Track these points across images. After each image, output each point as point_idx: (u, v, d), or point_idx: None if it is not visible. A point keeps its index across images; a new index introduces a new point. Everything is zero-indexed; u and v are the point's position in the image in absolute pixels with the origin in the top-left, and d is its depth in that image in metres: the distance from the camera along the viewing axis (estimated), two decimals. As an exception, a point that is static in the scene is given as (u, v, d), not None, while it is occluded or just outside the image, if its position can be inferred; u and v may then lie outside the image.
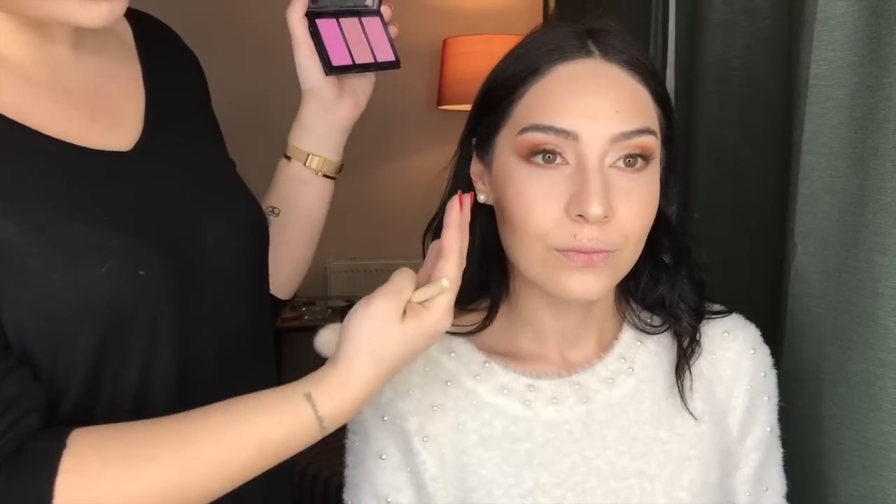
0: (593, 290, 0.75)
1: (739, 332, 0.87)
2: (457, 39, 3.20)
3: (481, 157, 0.83)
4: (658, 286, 0.86)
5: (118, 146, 0.81)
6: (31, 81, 0.78)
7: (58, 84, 0.81)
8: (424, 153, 3.45)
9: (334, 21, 0.99)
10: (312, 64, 0.97)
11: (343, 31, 1.00)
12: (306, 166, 1.02)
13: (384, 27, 1.05)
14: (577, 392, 0.83)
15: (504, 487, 0.80)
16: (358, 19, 1.02)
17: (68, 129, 0.78)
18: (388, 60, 1.04)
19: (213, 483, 0.69)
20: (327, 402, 0.70)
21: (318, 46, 0.97)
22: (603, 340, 0.86)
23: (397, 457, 0.82)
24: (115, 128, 0.83)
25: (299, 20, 0.96)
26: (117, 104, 0.85)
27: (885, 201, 0.79)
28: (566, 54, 0.77)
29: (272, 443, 0.70)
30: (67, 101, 0.80)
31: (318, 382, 0.71)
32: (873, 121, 0.81)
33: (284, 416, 0.70)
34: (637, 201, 0.75)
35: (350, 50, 0.99)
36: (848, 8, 0.85)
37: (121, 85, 0.87)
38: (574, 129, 0.74)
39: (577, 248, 0.73)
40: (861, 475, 0.84)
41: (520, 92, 0.78)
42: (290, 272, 1.04)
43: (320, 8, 0.99)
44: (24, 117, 0.75)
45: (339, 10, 1.00)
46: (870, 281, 0.81)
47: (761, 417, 0.86)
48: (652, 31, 1.58)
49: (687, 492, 0.81)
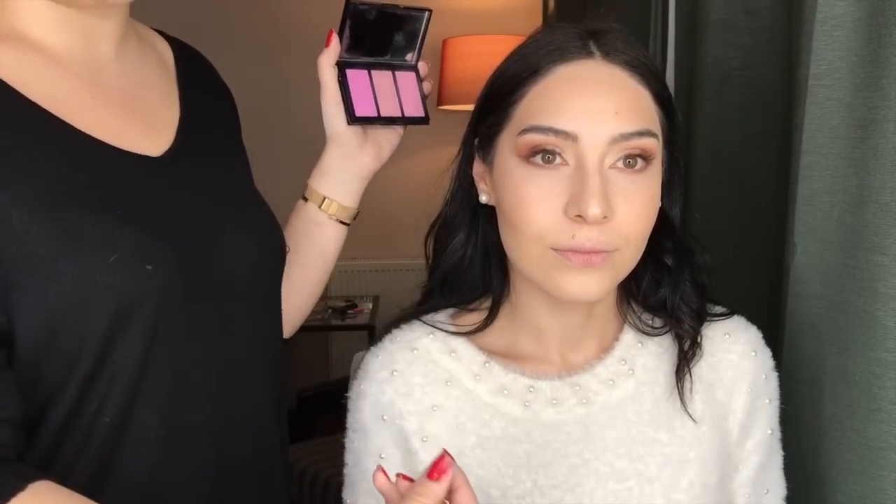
0: (592, 291, 0.75)
1: (741, 333, 0.87)
2: (457, 39, 3.20)
3: (483, 158, 0.82)
4: (660, 288, 0.86)
5: (148, 151, 0.82)
6: (70, 74, 0.79)
7: (96, 82, 0.82)
8: (424, 153, 3.44)
9: (365, 72, 0.99)
10: (337, 112, 0.98)
11: (373, 83, 1.00)
12: (321, 209, 1.02)
13: (418, 82, 1.05)
14: (577, 393, 0.83)
15: (502, 488, 0.80)
16: (392, 73, 1.02)
17: (101, 127, 0.79)
18: (417, 116, 1.04)
19: None
20: None
21: (344, 95, 0.97)
22: (603, 342, 0.86)
23: (397, 456, 0.82)
24: (147, 133, 0.84)
25: (329, 68, 0.97)
26: (153, 112, 0.86)
27: (885, 201, 0.79)
28: (567, 55, 0.77)
29: None
30: (104, 100, 0.81)
31: None
32: (873, 121, 0.81)
33: None
34: (637, 202, 0.75)
35: (377, 102, 0.99)
36: (848, 8, 0.85)
37: (158, 96, 0.88)
38: (573, 130, 0.74)
39: (576, 248, 0.73)
40: (861, 475, 0.84)
41: (520, 93, 0.78)
42: (292, 311, 1.04)
43: (353, 59, 0.99)
44: (59, 109, 0.76)
45: (372, 62, 1.00)
46: (869, 281, 0.81)
47: (762, 420, 0.86)
48: (652, 31, 1.58)
49: (686, 494, 0.81)
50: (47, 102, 0.76)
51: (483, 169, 0.83)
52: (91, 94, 0.80)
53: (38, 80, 0.76)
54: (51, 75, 0.78)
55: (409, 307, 0.90)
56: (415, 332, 0.86)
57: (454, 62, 3.18)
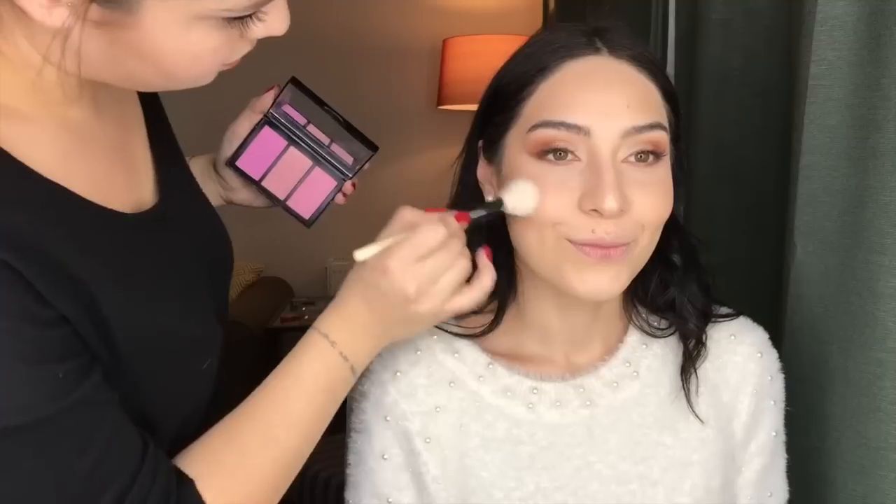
0: (605, 289, 0.75)
1: (746, 335, 0.87)
2: (457, 39, 3.19)
3: (490, 159, 0.82)
4: (668, 288, 0.86)
5: (140, 206, 0.76)
6: (59, 140, 0.71)
7: (86, 137, 0.74)
8: (424, 153, 3.45)
9: (284, 142, 0.97)
10: (231, 143, 0.98)
11: (282, 155, 0.97)
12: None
13: (331, 193, 1.00)
14: (581, 395, 0.83)
15: (505, 490, 0.80)
16: (313, 164, 0.98)
17: (95, 189, 0.71)
18: (298, 213, 1.00)
19: (299, 442, 0.76)
20: (337, 332, 0.75)
21: (245, 140, 0.96)
22: (609, 343, 0.86)
23: (400, 457, 0.82)
24: (137, 186, 0.78)
25: (249, 111, 0.98)
26: (134, 155, 0.80)
27: (885, 201, 0.79)
28: (574, 51, 0.77)
29: (313, 389, 0.75)
30: (95, 159, 0.74)
31: (322, 317, 0.76)
32: (873, 121, 0.81)
33: (308, 356, 0.75)
34: (652, 191, 0.75)
35: (269, 170, 0.96)
36: (848, 8, 0.85)
37: (129, 132, 0.81)
38: (585, 125, 0.74)
39: (596, 242, 0.73)
40: (860, 475, 0.84)
41: (529, 90, 0.77)
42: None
43: (284, 123, 0.96)
44: (58, 176, 0.68)
45: (302, 141, 0.97)
46: (869, 281, 0.81)
47: (766, 422, 0.86)
48: (652, 31, 1.58)
49: (688, 497, 0.81)
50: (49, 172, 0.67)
51: (490, 171, 0.82)
52: (85, 154, 0.73)
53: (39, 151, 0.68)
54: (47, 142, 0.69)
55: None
56: None
57: (454, 62, 3.18)
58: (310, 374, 0.75)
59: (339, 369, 0.75)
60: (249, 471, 0.73)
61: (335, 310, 0.76)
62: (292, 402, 0.75)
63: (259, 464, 0.73)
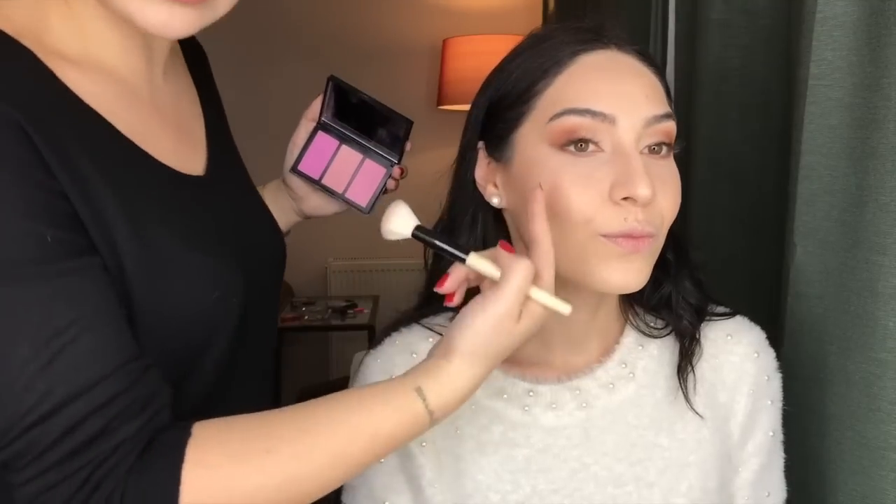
0: (633, 280, 0.74)
1: (743, 335, 0.87)
2: (457, 39, 3.19)
3: (495, 158, 0.81)
4: (662, 285, 0.86)
5: (196, 170, 0.83)
6: (138, 99, 0.78)
7: (157, 104, 0.81)
8: (424, 153, 3.44)
9: (336, 143, 1.06)
10: (293, 154, 1.06)
11: (336, 154, 1.06)
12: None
13: (382, 179, 1.08)
14: (577, 397, 0.82)
15: (501, 493, 0.80)
16: (363, 157, 1.07)
17: (168, 154, 0.78)
18: (356, 202, 1.08)
19: (327, 475, 0.69)
20: (436, 396, 0.69)
21: (303, 148, 1.05)
22: (605, 343, 0.86)
23: (395, 461, 0.82)
24: (194, 153, 0.85)
25: (305, 120, 1.06)
26: (192, 128, 0.87)
27: (885, 201, 0.79)
28: (587, 45, 0.78)
29: (383, 435, 0.69)
30: (164, 124, 0.81)
31: (428, 376, 0.70)
32: (873, 121, 0.81)
33: (396, 408, 0.69)
34: (671, 185, 0.76)
35: (326, 169, 1.05)
36: (848, 8, 0.85)
37: (190, 108, 0.89)
38: (611, 112, 0.74)
39: (629, 232, 0.72)
40: (860, 475, 0.84)
41: (544, 83, 0.77)
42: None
43: (334, 125, 1.05)
44: (139, 138, 0.75)
45: (351, 138, 1.06)
46: (869, 281, 0.81)
47: (763, 422, 0.86)
48: (652, 31, 1.58)
49: (685, 498, 0.81)
50: (130, 132, 0.75)
51: (493, 170, 0.81)
52: (156, 119, 0.80)
53: (120, 109, 0.75)
54: (127, 102, 0.77)
55: (409, 310, 0.90)
56: (414, 335, 0.86)
57: (454, 62, 3.18)
58: (385, 426, 0.69)
59: (417, 422, 0.70)
60: (252, 474, 0.67)
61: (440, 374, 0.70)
62: (347, 438, 0.69)
63: (269, 475, 0.67)
